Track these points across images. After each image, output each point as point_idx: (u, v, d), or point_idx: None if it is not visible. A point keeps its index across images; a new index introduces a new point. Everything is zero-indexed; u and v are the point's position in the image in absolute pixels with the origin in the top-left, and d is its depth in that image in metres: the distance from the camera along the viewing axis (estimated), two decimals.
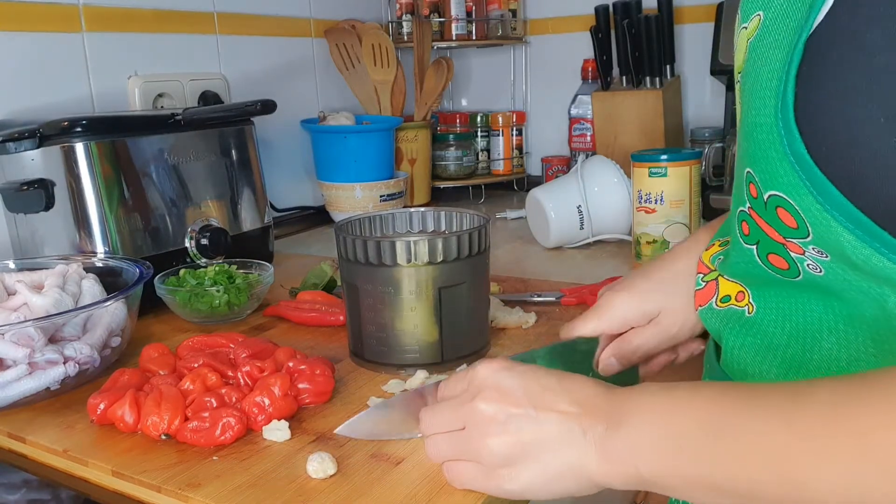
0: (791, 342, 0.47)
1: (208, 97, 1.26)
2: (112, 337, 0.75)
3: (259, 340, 0.74)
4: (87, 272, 0.82)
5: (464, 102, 1.92)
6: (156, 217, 0.96)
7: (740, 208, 0.49)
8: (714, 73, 1.45)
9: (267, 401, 0.62)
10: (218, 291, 0.87)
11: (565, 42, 1.71)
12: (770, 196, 0.44)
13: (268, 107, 1.04)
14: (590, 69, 1.63)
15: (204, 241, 0.99)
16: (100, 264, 0.86)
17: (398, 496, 0.51)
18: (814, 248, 0.43)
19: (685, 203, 1.08)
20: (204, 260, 0.99)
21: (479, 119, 1.74)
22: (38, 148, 0.89)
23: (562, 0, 1.70)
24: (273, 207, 1.40)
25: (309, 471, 0.54)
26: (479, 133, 1.74)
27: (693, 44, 1.56)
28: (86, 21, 1.11)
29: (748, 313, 0.51)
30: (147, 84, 1.18)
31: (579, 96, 1.63)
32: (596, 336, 0.64)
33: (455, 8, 1.63)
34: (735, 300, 0.52)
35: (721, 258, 0.57)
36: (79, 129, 0.89)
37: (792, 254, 0.45)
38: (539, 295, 0.93)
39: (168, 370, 0.69)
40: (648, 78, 1.49)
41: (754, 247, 0.48)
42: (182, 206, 0.99)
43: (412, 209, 0.82)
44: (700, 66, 1.54)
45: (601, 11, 1.49)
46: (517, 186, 1.79)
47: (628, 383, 0.65)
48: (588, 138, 1.62)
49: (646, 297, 0.63)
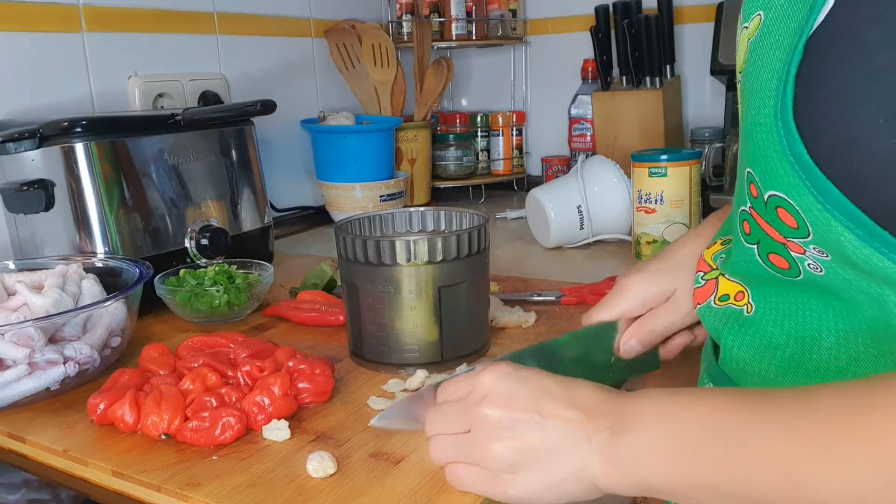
0: (790, 342, 0.47)
1: (208, 97, 1.26)
2: (112, 337, 0.75)
3: (259, 340, 0.74)
4: (87, 272, 0.82)
5: (464, 102, 1.92)
6: (156, 217, 0.96)
7: (742, 208, 0.49)
8: (714, 73, 1.45)
9: (267, 400, 0.62)
10: (218, 291, 0.87)
11: (565, 42, 1.71)
12: (770, 196, 0.44)
13: (268, 107, 1.04)
14: (590, 69, 1.62)
15: (204, 242, 0.99)
16: (100, 264, 0.86)
17: (398, 495, 0.51)
18: (814, 248, 0.43)
19: (685, 203, 1.08)
20: (204, 260, 0.99)
21: (479, 119, 1.74)
22: (38, 148, 0.90)
23: (562, 0, 1.70)
24: (273, 207, 1.40)
25: (309, 470, 0.54)
26: (479, 133, 1.74)
27: (693, 44, 1.56)
28: (86, 21, 1.11)
29: (746, 313, 0.51)
30: (147, 84, 1.18)
31: (579, 96, 1.63)
32: (615, 320, 0.65)
33: (455, 8, 1.63)
34: (734, 299, 0.52)
35: (723, 257, 0.57)
36: (79, 130, 0.89)
37: (793, 253, 0.45)
38: (539, 294, 0.93)
39: (168, 370, 0.69)
40: (648, 78, 1.49)
41: (755, 246, 0.48)
42: (182, 207, 0.99)
43: (412, 209, 0.82)
44: (700, 66, 1.54)
45: (601, 11, 1.49)
46: (517, 186, 1.78)
47: (650, 365, 0.65)
48: (588, 138, 1.62)
49: (661, 277, 0.64)
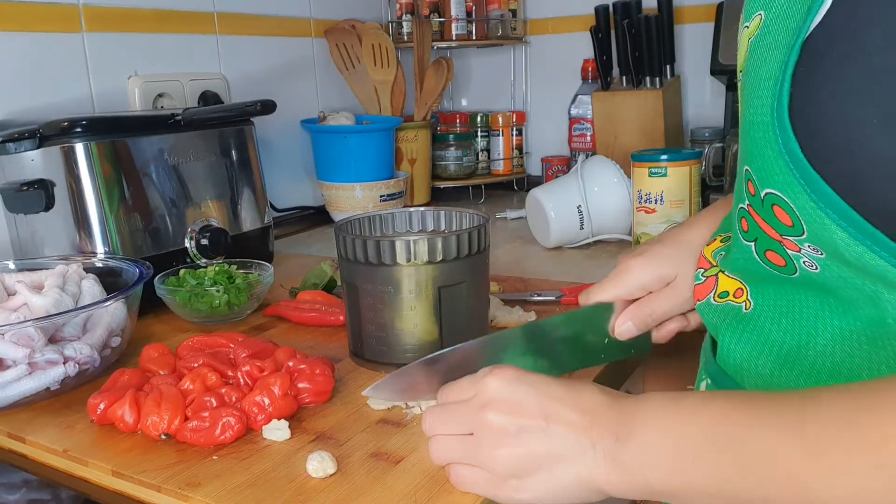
0: (787, 338, 0.47)
1: (208, 97, 1.26)
2: (112, 337, 0.75)
3: (259, 340, 0.74)
4: (87, 272, 0.82)
5: (464, 102, 1.92)
6: (156, 217, 0.96)
7: (740, 205, 0.50)
8: (714, 73, 1.45)
9: (267, 400, 0.62)
10: (218, 291, 0.87)
11: (565, 42, 1.71)
12: (766, 194, 0.44)
13: (268, 107, 1.04)
14: (590, 69, 1.63)
15: (204, 242, 0.99)
16: (100, 264, 0.86)
17: (398, 495, 0.51)
18: (809, 246, 0.43)
19: (685, 203, 1.08)
20: (204, 260, 0.99)
21: (479, 119, 1.74)
22: (38, 148, 0.90)
23: (562, 0, 1.70)
24: (273, 207, 1.40)
25: (309, 470, 0.54)
26: (479, 133, 1.74)
27: (693, 44, 1.56)
28: (86, 21, 1.11)
29: (745, 309, 0.51)
30: (147, 84, 1.18)
31: (579, 96, 1.63)
32: (613, 301, 0.65)
33: (455, 8, 1.63)
34: (733, 296, 0.53)
35: (722, 254, 0.57)
36: (79, 130, 0.89)
37: (788, 251, 0.45)
38: (539, 294, 0.93)
39: (168, 370, 0.69)
40: (648, 78, 1.49)
41: (753, 243, 0.49)
42: (182, 207, 0.99)
43: (412, 209, 0.82)
44: (700, 66, 1.54)
45: (601, 11, 1.49)
46: (517, 186, 1.78)
47: (642, 347, 0.65)
48: (588, 138, 1.62)
49: (662, 262, 0.64)
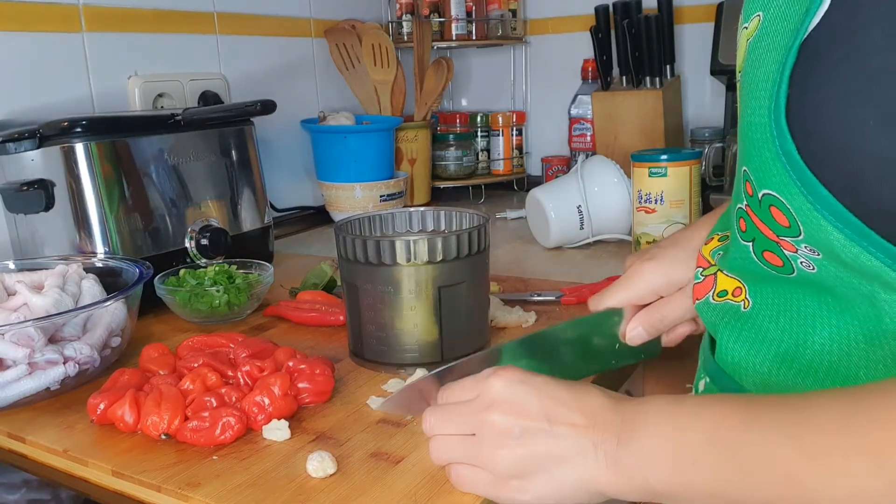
0: (784, 336, 0.47)
1: (208, 97, 1.26)
2: (112, 337, 0.75)
3: (259, 340, 0.74)
4: (87, 272, 0.82)
5: (464, 102, 1.92)
6: (156, 217, 0.96)
7: (738, 205, 0.50)
8: (714, 73, 1.45)
9: (267, 400, 0.62)
10: (218, 291, 0.87)
11: (565, 42, 1.71)
12: (764, 195, 0.44)
13: (268, 107, 1.04)
14: (590, 69, 1.62)
15: (204, 241, 0.99)
16: (100, 264, 0.86)
17: (398, 495, 0.51)
18: (806, 247, 0.43)
19: (685, 203, 1.08)
20: (204, 260, 0.99)
21: (479, 119, 1.74)
22: (38, 148, 0.89)
23: (562, 0, 1.70)
24: (273, 207, 1.40)
25: (309, 470, 0.54)
26: (479, 133, 1.74)
27: (693, 44, 1.56)
28: (86, 21, 1.11)
29: (744, 308, 0.51)
30: (147, 84, 1.18)
31: (579, 96, 1.63)
32: (624, 306, 0.64)
33: (455, 8, 1.63)
34: (732, 295, 0.53)
35: (721, 253, 0.57)
36: (79, 130, 0.89)
37: (786, 252, 0.45)
38: (539, 294, 0.93)
39: (168, 370, 0.69)
40: (648, 78, 1.48)
41: (750, 244, 0.49)
42: (182, 207, 0.99)
43: (412, 209, 0.82)
44: (700, 66, 1.54)
45: (601, 11, 1.49)
46: (517, 186, 1.78)
47: (651, 351, 0.65)
48: (588, 138, 1.62)
49: (674, 267, 0.63)
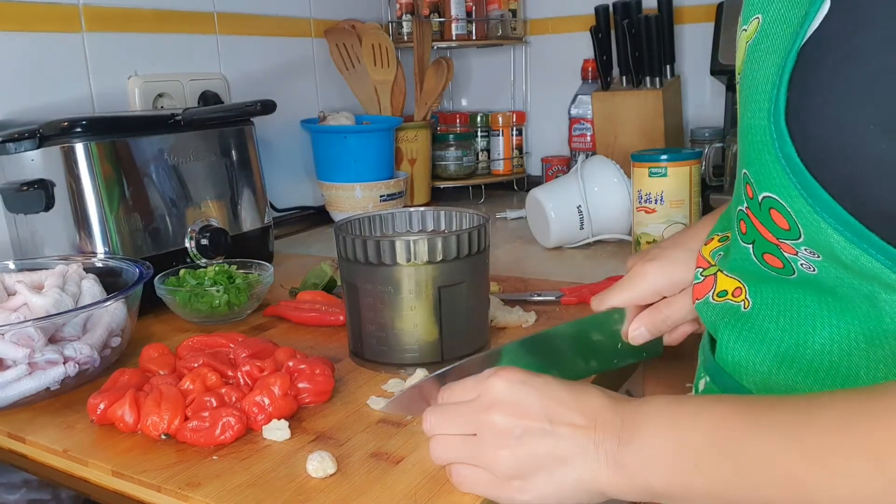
0: (785, 336, 0.47)
1: (208, 97, 1.26)
2: (112, 337, 0.75)
3: (259, 340, 0.74)
4: (87, 272, 0.82)
5: (464, 102, 1.92)
6: (156, 217, 0.96)
7: (739, 207, 0.50)
8: (714, 73, 1.45)
9: (267, 400, 0.62)
10: (218, 291, 0.87)
11: (565, 42, 1.71)
12: (764, 197, 0.44)
13: (268, 107, 1.04)
14: (590, 69, 1.62)
15: (204, 241, 0.99)
16: (100, 264, 0.86)
17: (398, 495, 0.51)
18: (806, 249, 0.43)
19: (685, 203, 1.08)
20: (204, 260, 0.99)
21: (479, 119, 1.74)
22: (38, 148, 0.89)
23: (562, 0, 1.70)
24: (273, 207, 1.40)
25: (309, 470, 0.54)
26: (479, 133, 1.74)
27: (693, 44, 1.56)
28: (86, 21, 1.11)
29: (744, 308, 0.51)
30: (147, 84, 1.18)
31: (579, 96, 1.63)
32: (627, 306, 0.64)
33: (455, 8, 1.63)
34: (732, 295, 0.53)
35: (721, 254, 0.57)
36: (79, 130, 0.89)
37: (786, 254, 0.45)
38: (539, 294, 0.93)
39: (168, 370, 0.69)
40: (648, 78, 1.48)
41: (751, 246, 0.49)
42: (182, 207, 0.99)
43: (412, 209, 0.82)
44: (700, 66, 1.54)
45: (601, 11, 1.49)
46: (517, 186, 1.78)
47: (653, 350, 0.65)
48: (588, 138, 1.62)
49: (676, 267, 0.64)
